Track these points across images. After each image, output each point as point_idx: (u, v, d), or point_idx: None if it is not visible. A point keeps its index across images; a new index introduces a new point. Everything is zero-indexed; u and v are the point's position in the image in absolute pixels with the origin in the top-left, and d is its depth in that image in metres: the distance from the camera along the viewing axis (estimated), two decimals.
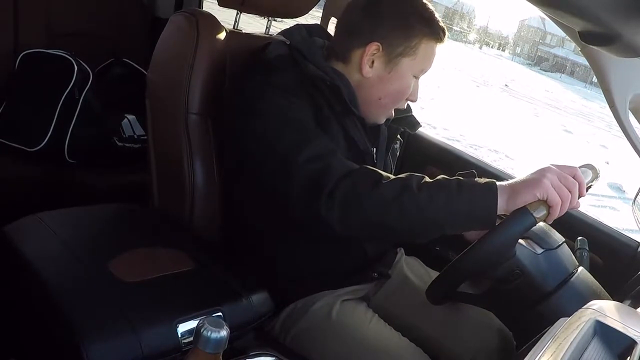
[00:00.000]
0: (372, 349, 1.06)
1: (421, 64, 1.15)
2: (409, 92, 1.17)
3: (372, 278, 1.24)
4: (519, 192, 0.93)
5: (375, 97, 1.16)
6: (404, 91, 1.16)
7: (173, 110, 1.21)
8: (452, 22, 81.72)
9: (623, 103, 1.05)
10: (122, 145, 1.85)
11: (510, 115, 11.98)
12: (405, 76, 1.15)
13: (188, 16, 1.22)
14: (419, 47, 1.12)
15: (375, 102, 1.16)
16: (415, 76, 1.16)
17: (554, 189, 0.92)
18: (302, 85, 1.10)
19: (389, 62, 1.13)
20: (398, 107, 1.20)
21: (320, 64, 1.13)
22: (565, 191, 0.93)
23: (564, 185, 0.93)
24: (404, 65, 1.13)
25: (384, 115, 1.20)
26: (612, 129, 13.99)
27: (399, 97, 1.17)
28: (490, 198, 0.94)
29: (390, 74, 1.14)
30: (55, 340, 0.90)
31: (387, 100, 1.17)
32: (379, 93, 1.15)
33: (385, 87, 1.15)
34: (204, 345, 0.66)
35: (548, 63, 64.95)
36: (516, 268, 0.99)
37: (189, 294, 0.98)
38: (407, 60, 1.13)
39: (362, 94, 1.15)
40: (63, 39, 1.90)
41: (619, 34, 0.76)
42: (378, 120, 1.21)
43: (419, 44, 1.12)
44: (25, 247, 1.00)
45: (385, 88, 1.15)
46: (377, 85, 1.15)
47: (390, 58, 1.13)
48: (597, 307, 0.70)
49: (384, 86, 1.15)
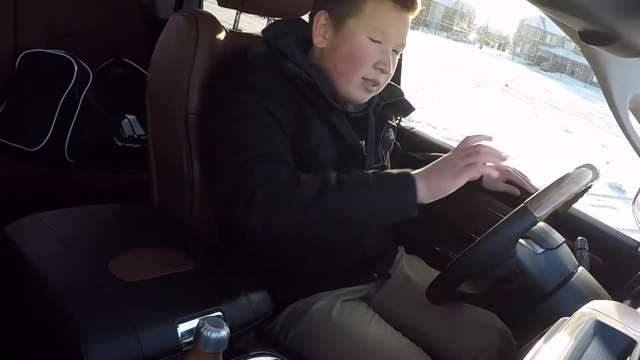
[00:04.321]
0: (372, 349, 1.06)
1: (371, 22, 1.10)
2: (367, 57, 1.12)
3: (372, 278, 1.24)
4: (436, 178, 0.97)
5: (331, 66, 1.14)
6: (357, 54, 1.12)
7: (173, 110, 1.20)
8: (452, 22, 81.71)
9: (623, 103, 1.05)
10: (122, 145, 1.85)
11: (511, 115, 11.98)
12: (355, 36, 1.11)
13: (188, 16, 1.22)
14: (365, 5, 1.10)
15: (334, 71, 1.14)
16: (372, 38, 1.11)
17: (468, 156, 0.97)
18: (282, 84, 1.10)
19: (337, 26, 1.13)
20: (365, 75, 1.13)
21: (298, 60, 1.13)
22: (479, 154, 0.97)
23: (473, 151, 0.98)
24: (351, 25, 1.11)
25: (353, 84, 1.14)
26: (612, 129, 13.99)
27: (355, 62, 1.12)
28: (410, 191, 0.97)
29: (339, 37, 1.13)
30: (55, 340, 0.90)
31: (343, 66, 1.14)
32: (333, 60, 1.14)
33: (338, 52, 1.13)
34: (204, 345, 0.66)
35: (548, 63, 64.93)
36: (516, 268, 0.99)
37: (189, 294, 0.98)
38: (353, 20, 1.11)
39: (325, 69, 1.14)
40: (63, 39, 1.90)
41: (619, 34, 0.76)
42: (357, 98, 1.17)
43: (364, 2, 1.10)
44: (25, 247, 1.00)
45: (338, 53, 1.14)
46: (331, 53, 1.14)
47: (337, 22, 1.12)
48: (597, 307, 0.70)
49: (336, 52, 1.14)
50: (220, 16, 1.28)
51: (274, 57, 1.14)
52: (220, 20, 1.27)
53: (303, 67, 1.12)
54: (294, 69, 1.11)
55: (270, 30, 1.19)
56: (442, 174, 0.98)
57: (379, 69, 1.13)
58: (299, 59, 1.13)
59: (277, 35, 1.17)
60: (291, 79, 1.11)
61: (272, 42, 1.16)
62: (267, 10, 1.43)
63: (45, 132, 1.69)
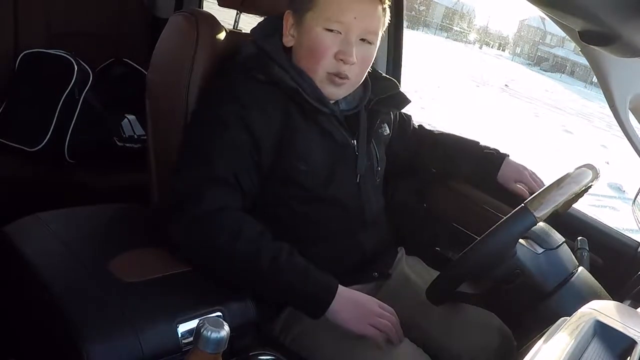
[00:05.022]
0: (372, 349, 1.06)
1: (325, 13, 1.10)
2: (326, 49, 1.10)
3: (372, 277, 1.24)
4: (349, 312, 1.03)
5: (300, 63, 1.14)
6: (316, 47, 1.11)
7: (173, 110, 1.20)
8: (452, 22, 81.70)
9: (623, 103, 1.05)
10: (122, 145, 1.85)
11: (511, 115, 11.97)
12: (312, 30, 1.11)
13: (188, 16, 1.22)
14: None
15: (305, 69, 1.14)
16: (327, 28, 1.10)
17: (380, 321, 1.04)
18: (268, 90, 1.10)
19: (298, 23, 1.13)
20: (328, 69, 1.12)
21: (283, 63, 1.13)
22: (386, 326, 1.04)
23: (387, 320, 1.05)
24: (308, 20, 1.11)
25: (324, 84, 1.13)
26: (612, 129, 13.98)
27: (314, 55, 1.11)
28: (323, 302, 1.02)
29: (300, 34, 1.13)
30: (55, 340, 0.90)
31: (306, 62, 1.13)
32: (299, 58, 1.15)
33: (300, 48, 1.14)
34: (204, 345, 0.66)
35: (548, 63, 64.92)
36: (516, 268, 0.99)
37: (189, 294, 0.98)
38: (310, 14, 1.11)
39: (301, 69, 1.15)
40: (63, 39, 1.90)
41: (619, 34, 0.76)
42: (331, 95, 1.15)
43: None
44: (25, 247, 1.00)
45: (301, 50, 1.14)
46: (298, 51, 1.15)
47: (298, 19, 1.13)
48: (597, 307, 0.70)
49: (300, 49, 1.14)
50: (220, 16, 1.28)
51: (261, 59, 1.13)
52: (220, 20, 1.27)
53: (289, 71, 1.12)
54: (279, 74, 1.11)
55: (259, 30, 1.19)
56: (355, 313, 1.03)
57: (340, 60, 1.11)
58: (284, 62, 1.14)
59: (264, 36, 1.17)
60: (277, 85, 1.11)
61: (259, 44, 1.16)
62: (267, 10, 1.43)
63: (45, 132, 1.70)
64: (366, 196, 1.22)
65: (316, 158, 1.13)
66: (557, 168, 2.16)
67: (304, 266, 1.03)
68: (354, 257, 1.22)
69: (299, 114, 1.12)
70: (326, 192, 1.16)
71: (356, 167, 1.20)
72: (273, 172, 1.11)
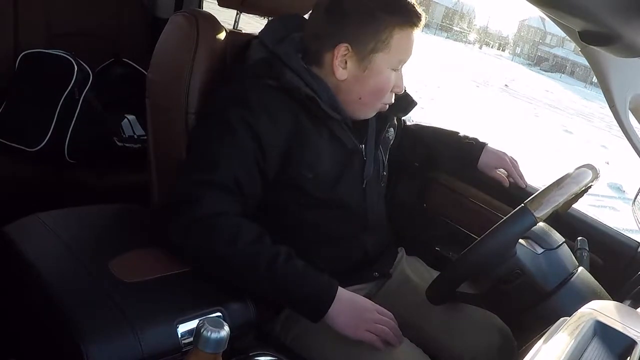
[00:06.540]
0: (372, 349, 1.06)
1: (398, 56, 1.11)
2: (390, 87, 1.13)
3: (373, 277, 1.24)
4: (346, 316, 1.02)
5: (355, 97, 1.13)
6: (383, 87, 1.13)
7: (173, 110, 1.20)
8: (452, 22, 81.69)
9: (623, 103, 1.05)
10: (122, 145, 1.84)
11: (511, 116, 11.97)
12: (382, 72, 1.11)
13: (188, 16, 1.22)
14: (391, 39, 1.09)
15: (357, 102, 1.14)
16: (394, 69, 1.12)
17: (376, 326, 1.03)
18: (280, 97, 1.08)
19: (362, 60, 1.10)
20: (385, 102, 1.16)
21: (298, 69, 1.11)
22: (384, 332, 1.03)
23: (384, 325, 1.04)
24: (379, 61, 1.10)
25: (372, 110, 1.17)
26: (612, 129, 13.98)
27: (380, 94, 1.14)
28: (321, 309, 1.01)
29: (366, 72, 1.10)
30: (55, 340, 0.90)
31: (368, 98, 1.14)
32: (358, 93, 1.13)
33: (363, 86, 1.12)
34: (204, 345, 0.66)
35: (548, 63, 64.92)
36: (516, 268, 0.99)
37: (189, 294, 0.98)
38: (381, 55, 1.09)
39: (342, 97, 1.13)
40: (63, 39, 1.89)
41: (619, 34, 0.76)
42: (368, 116, 1.18)
43: (390, 36, 1.08)
44: (25, 247, 1.00)
45: (363, 87, 1.12)
46: (354, 85, 1.12)
47: (362, 56, 1.09)
48: (597, 307, 0.70)
49: (361, 86, 1.12)
50: (220, 16, 1.28)
51: (273, 64, 1.11)
52: (220, 20, 1.27)
53: (303, 77, 1.10)
54: (293, 80, 1.09)
55: (268, 33, 1.17)
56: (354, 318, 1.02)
57: (393, 92, 1.16)
58: (299, 67, 1.11)
59: (275, 39, 1.15)
60: (290, 92, 1.09)
61: (270, 47, 1.14)
62: (267, 10, 1.43)
63: (45, 132, 1.69)
64: (371, 201, 1.21)
65: (324, 165, 1.12)
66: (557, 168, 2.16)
67: (302, 270, 1.02)
68: (355, 258, 1.22)
69: (309, 119, 1.10)
70: (332, 198, 1.15)
71: (363, 172, 1.19)
72: (279, 178, 1.10)
